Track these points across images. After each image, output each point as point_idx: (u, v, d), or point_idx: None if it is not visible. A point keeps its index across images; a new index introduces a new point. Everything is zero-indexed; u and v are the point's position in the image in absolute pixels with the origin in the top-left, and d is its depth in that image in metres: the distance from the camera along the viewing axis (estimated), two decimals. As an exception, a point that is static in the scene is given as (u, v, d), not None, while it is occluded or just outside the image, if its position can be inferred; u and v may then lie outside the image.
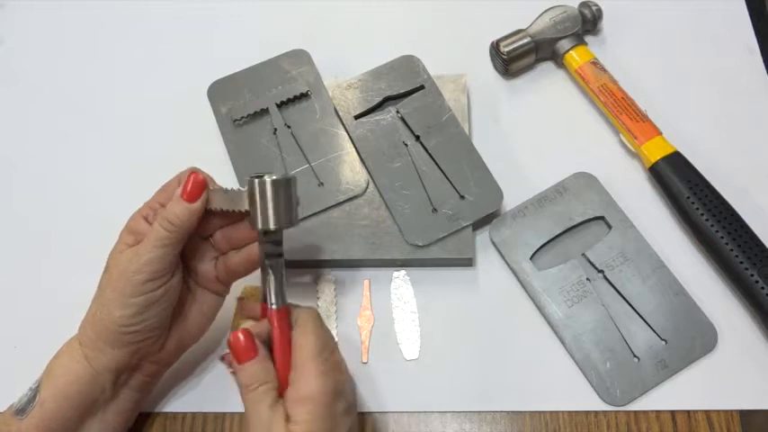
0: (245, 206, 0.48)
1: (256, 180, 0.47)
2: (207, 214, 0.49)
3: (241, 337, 0.45)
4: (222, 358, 0.56)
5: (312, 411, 0.42)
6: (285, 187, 0.48)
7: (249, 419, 0.44)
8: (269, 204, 0.47)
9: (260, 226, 0.47)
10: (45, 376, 0.48)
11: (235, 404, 0.55)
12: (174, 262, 0.48)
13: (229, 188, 0.49)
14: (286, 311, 0.47)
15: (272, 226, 0.47)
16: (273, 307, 0.47)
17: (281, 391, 0.45)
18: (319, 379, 0.43)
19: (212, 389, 0.57)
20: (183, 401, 0.56)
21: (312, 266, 0.61)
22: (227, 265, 0.51)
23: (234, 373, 0.47)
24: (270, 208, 0.47)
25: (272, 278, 0.48)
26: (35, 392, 0.47)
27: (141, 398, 0.52)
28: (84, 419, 0.48)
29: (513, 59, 0.68)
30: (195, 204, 0.48)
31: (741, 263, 0.55)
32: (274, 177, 0.47)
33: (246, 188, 0.48)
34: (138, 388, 0.51)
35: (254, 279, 0.53)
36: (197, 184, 0.48)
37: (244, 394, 0.44)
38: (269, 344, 0.47)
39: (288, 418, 0.43)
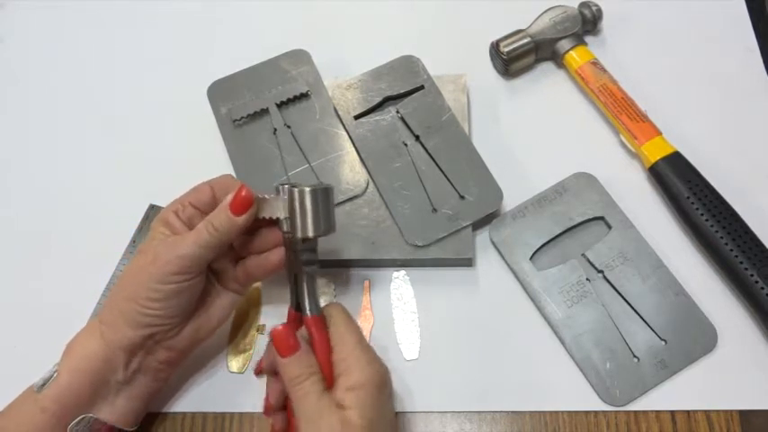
0: (276, 214, 0.49)
1: (296, 189, 0.48)
2: None
3: (283, 331, 0.47)
4: (258, 371, 0.56)
5: (365, 396, 0.45)
6: (324, 196, 0.49)
7: (300, 411, 0.45)
8: (308, 213, 0.48)
9: (299, 234, 0.48)
10: (64, 352, 0.50)
11: (235, 404, 0.55)
12: (205, 264, 0.50)
13: (260, 196, 0.50)
14: (321, 315, 0.49)
15: (310, 234, 0.48)
16: (310, 313, 0.48)
17: (327, 386, 0.46)
18: (371, 365, 0.46)
19: (212, 389, 0.57)
20: (183, 401, 0.56)
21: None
22: (245, 269, 0.53)
23: (271, 375, 0.50)
24: (309, 216, 0.48)
25: (308, 285, 0.49)
26: (54, 369, 0.49)
27: (153, 388, 0.52)
28: (96, 399, 0.49)
29: (513, 59, 0.68)
30: (240, 218, 0.49)
31: (741, 263, 0.55)
32: (314, 186, 0.48)
33: (285, 196, 0.49)
34: (152, 375, 0.51)
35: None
36: (245, 200, 0.49)
37: (291, 387, 0.46)
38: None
39: (339, 406, 0.44)
